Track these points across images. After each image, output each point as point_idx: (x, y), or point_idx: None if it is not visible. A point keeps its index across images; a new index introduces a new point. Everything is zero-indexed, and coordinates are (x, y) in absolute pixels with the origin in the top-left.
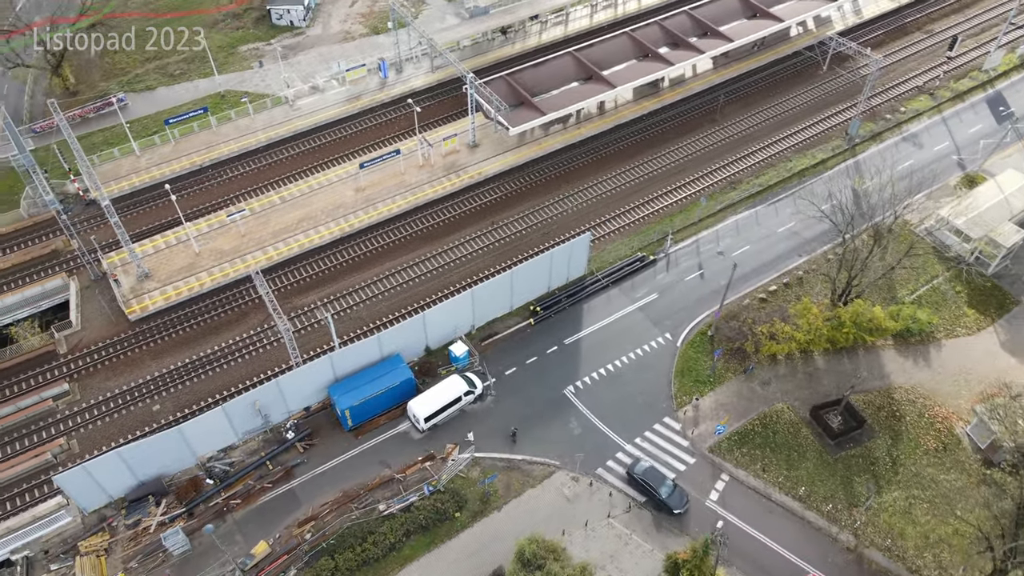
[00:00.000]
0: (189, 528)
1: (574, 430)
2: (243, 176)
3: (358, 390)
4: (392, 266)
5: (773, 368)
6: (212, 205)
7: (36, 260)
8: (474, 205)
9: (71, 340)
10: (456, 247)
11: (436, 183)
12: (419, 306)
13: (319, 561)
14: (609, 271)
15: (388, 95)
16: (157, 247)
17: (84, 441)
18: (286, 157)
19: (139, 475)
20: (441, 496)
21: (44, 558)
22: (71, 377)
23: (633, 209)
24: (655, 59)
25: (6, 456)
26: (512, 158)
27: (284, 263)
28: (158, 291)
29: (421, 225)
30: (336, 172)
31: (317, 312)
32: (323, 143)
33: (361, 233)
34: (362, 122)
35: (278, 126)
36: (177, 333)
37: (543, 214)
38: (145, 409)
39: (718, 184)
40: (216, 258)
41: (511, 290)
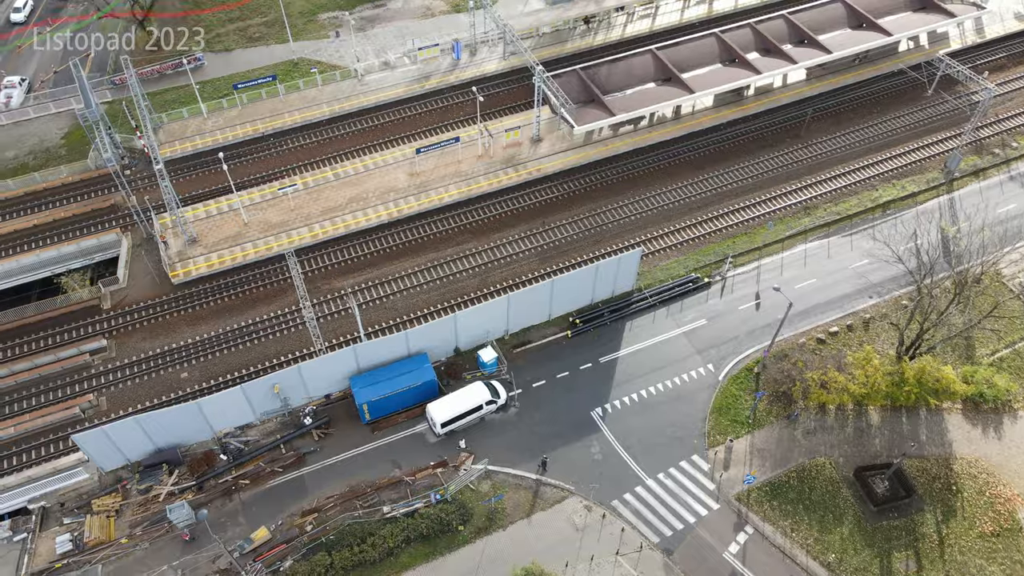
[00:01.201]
0: (196, 502)
1: (595, 455)
2: (302, 148)
3: (379, 385)
4: (435, 258)
5: (820, 417)
6: (268, 175)
7: (95, 212)
8: (528, 203)
9: (116, 297)
10: (503, 245)
11: (492, 175)
12: (456, 303)
13: (316, 555)
14: (658, 290)
15: (458, 78)
16: (209, 212)
17: (112, 399)
18: (346, 133)
19: (156, 442)
20: (447, 506)
21: (60, 511)
22: (110, 334)
23: (694, 225)
24: (742, 65)
25: (38, 405)
26: (575, 157)
27: (328, 242)
28: (203, 257)
29: (471, 218)
30: (393, 154)
31: (354, 296)
32: (384, 122)
33: (409, 220)
34: (426, 104)
35: (343, 100)
36: (215, 302)
37: (598, 220)
38: (174, 375)
39: (791, 208)
40: (263, 230)
41: (551, 299)
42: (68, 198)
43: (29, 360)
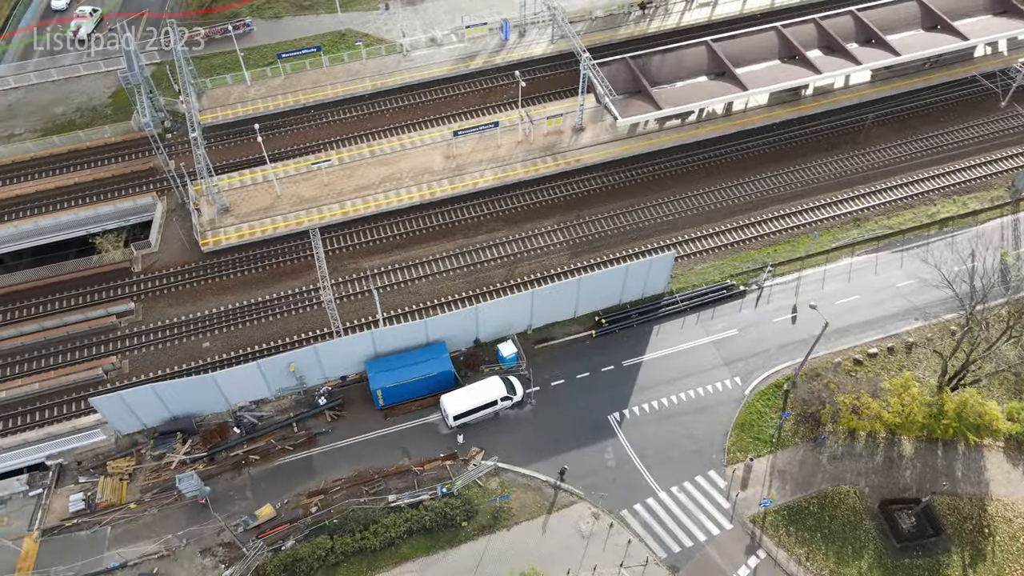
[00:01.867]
0: (206, 473)
1: (608, 461)
2: (340, 123)
3: (395, 371)
4: (464, 244)
5: (849, 443)
6: (304, 148)
7: (134, 174)
8: (564, 194)
9: (147, 260)
10: (534, 235)
11: (530, 163)
12: (481, 292)
13: (318, 538)
14: (691, 295)
15: (504, 59)
16: (243, 182)
17: (135, 362)
18: (386, 110)
19: (172, 410)
20: (452, 501)
21: (76, 469)
22: (138, 297)
23: (735, 229)
24: (802, 63)
25: (63, 363)
26: (617, 149)
27: (358, 220)
28: (233, 227)
29: (504, 205)
30: (431, 134)
31: (379, 278)
32: (425, 101)
33: (441, 203)
34: (469, 84)
35: (386, 76)
36: (242, 273)
37: (635, 216)
38: (196, 344)
39: (839, 218)
40: (294, 204)
41: (577, 296)
42: (110, 158)
43: (59, 317)
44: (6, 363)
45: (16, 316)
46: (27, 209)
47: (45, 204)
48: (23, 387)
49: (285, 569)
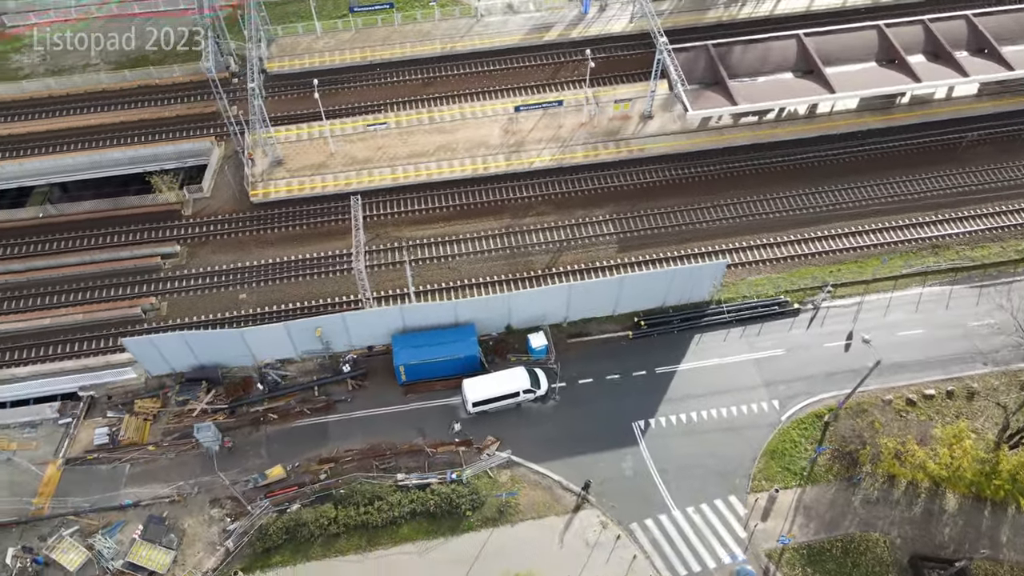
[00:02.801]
0: (225, 425)
1: (625, 470)
2: (404, 84)
3: (419, 349)
4: (511, 225)
5: (887, 488)
6: (365, 106)
7: (197, 117)
8: (622, 183)
9: (198, 205)
10: (585, 224)
11: (591, 147)
12: (521, 278)
13: (323, 506)
14: (739, 306)
15: (580, 33)
16: (299, 136)
17: (173, 305)
18: (451, 76)
19: (200, 358)
20: (460, 488)
21: (106, 403)
22: (184, 241)
23: (798, 241)
24: (902, 68)
25: (105, 298)
26: (685, 142)
27: (407, 188)
28: (284, 181)
29: (557, 188)
30: (492, 106)
31: (419, 250)
32: (491, 70)
33: (494, 179)
34: (539, 57)
35: (456, 39)
36: (287, 228)
37: (693, 216)
38: (233, 294)
39: (916, 242)
40: (346, 163)
41: (618, 295)
42: (176, 98)
43: (109, 251)
44: (53, 291)
45: (70, 246)
46: (94, 140)
47: (110, 137)
48: (66, 316)
49: (287, 532)
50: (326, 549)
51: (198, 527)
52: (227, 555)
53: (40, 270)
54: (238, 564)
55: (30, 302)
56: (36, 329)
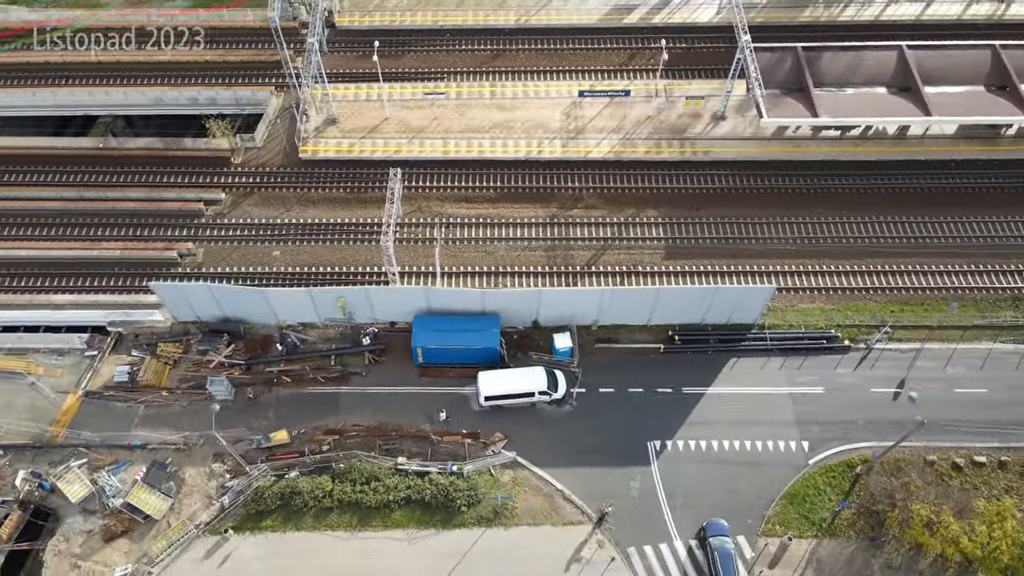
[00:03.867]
0: (239, 381)
1: (632, 490)
2: (471, 54)
3: (439, 334)
4: (557, 215)
5: (912, 556)
6: (428, 73)
7: (261, 64)
8: (681, 185)
9: (248, 154)
10: (634, 224)
11: (654, 143)
12: (558, 272)
13: (320, 477)
14: (783, 334)
15: (662, 19)
16: (357, 95)
17: (209, 253)
18: (520, 50)
19: (225, 311)
20: (459, 482)
21: (131, 342)
22: (229, 189)
23: (861, 273)
24: (1013, 96)
25: (145, 236)
26: (755, 150)
27: (456, 162)
28: (335, 140)
29: (611, 183)
30: (557, 87)
31: (459, 229)
32: (562, 48)
33: (547, 164)
34: (615, 40)
35: (532, 12)
36: (331, 189)
37: (749, 230)
38: (268, 250)
39: (995, 292)
40: (400, 130)
41: (654, 305)
42: (244, 42)
43: (157, 191)
44: (97, 223)
45: (120, 180)
46: (160, 77)
47: (176, 76)
48: (105, 250)
49: (282, 498)
50: (317, 522)
51: (198, 479)
52: (221, 511)
53: (89, 200)
54: (230, 521)
55: (74, 231)
56: (76, 259)
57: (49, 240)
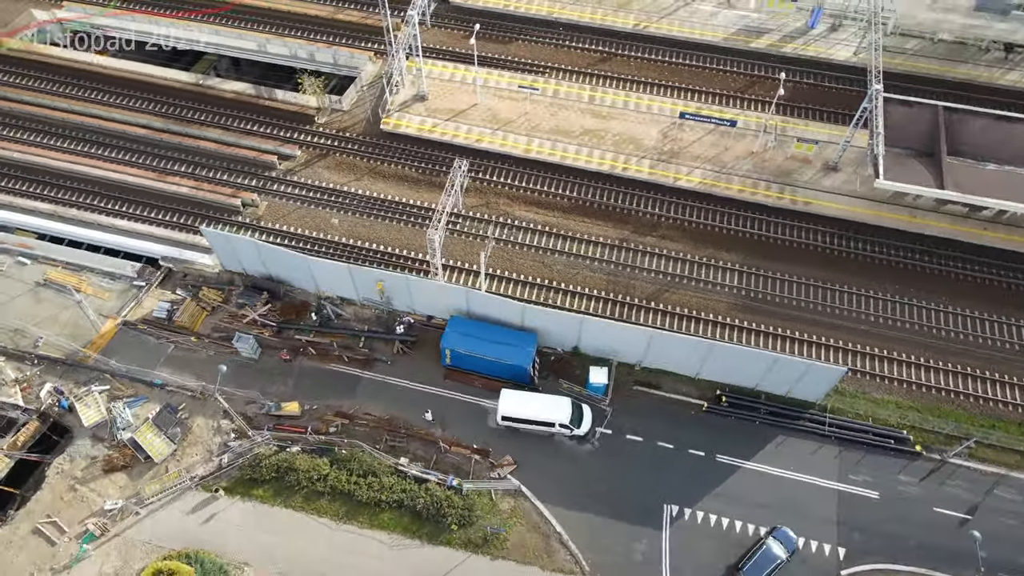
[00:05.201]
0: (266, 342)
1: (635, 552)
2: (579, 52)
3: (471, 339)
4: (628, 239)
5: None
6: (529, 64)
7: (366, 28)
8: (770, 234)
9: (332, 116)
10: (709, 266)
11: (751, 183)
12: (614, 300)
13: (320, 458)
14: (846, 423)
15: (793, 49)
16: (452, 76)
17: (271, 208)
18: (631, 57)
19: (269, 270)
20: (455, 499)
21: (179, 280)
22: (305, 147)
23: (955, 374)
24: None
25: (215, 179)
26: (864, 211)
27: (536, 163)
28: (419, 118)
29: (694, 217)
30: (659, 102)
31: (522, 233)
32: (675, 63)
33: (629, 183)
34: (733, 63)
35: (653, 19)
36: (404, 167)
37: (837, 299)
38: (328, 216)
39: None
40: (486, 119)
41: (705, 358)
42: (356, 3)
43: (238, 136)
44: (174, 158)
45: (206, 119)
46: (269, 25)
47: (284, 25)
48: (175, 185)
49: (277, 471)
50: (306, 503)
51: (204, 431)
52: (218, 469)
53: (173, 134)
54: (223, 482)
55: (151, 160)
56: (146, 188)
57: (125, 164)
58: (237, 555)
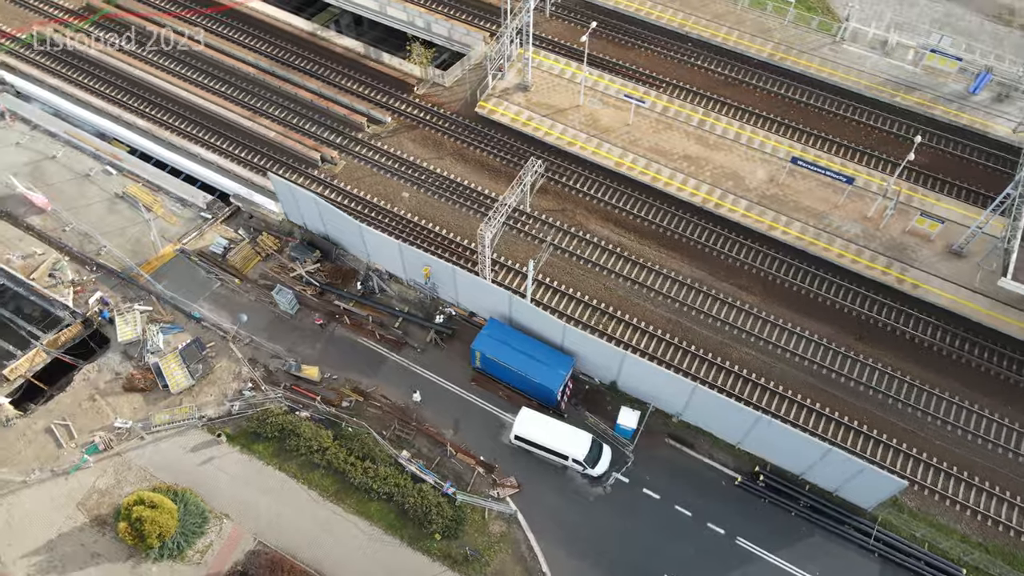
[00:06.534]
0: (305, 300)
1: None
2: (700, 72)
3: (503, 347)
4: (702, 281)
5: None
6: (641, 73)
7: (488, 7)
8: (862, 310)
9: (431, 89)
10: (785, 330)
11: (855, 250)
12: (672, 342)
13: (324, 430)
14: (897, 542)
15: (943, 113)
16: (562, 71)
17: (347, 169)
18: (757, 87)
19: (326, 229)
20: (445, 508)
21: (243, 221)
22: (397, 115)
23: None
24: None
25: (301, 129)
26: (980, 309)
27: (624, 179)
28: (515, 109)
29: (782, 273)
30: (772, 141)
31: (590, 248)
32: (802, 102)
33: (719, 222)
34: (870, 115)
35: (789, 52)
36: (488, 154)
37: (916, 398)
38: (399, 189)
39: None
40: (584, 123)
41: (749, 430)
42: None
43: (334, 92)
44: (270, 100)
45: (311, 69)
46: None
47: None
48: (265, 128)
49: (281, 432)
50: (300, 471)
51: (224, 374)
52: (227, 415)
53: (275, 77)
54: (228, 428)
55: (248, 99)
56: (237, 125)
57: (224, 98)
58: (221, 505)
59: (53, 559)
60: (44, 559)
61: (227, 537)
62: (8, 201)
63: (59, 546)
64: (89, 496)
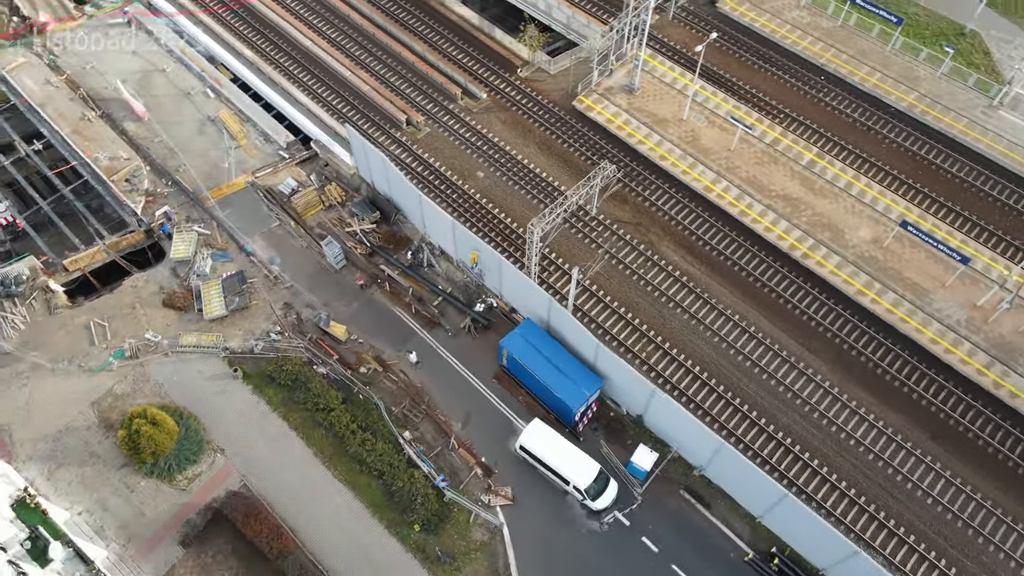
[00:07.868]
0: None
1: None
2: (825, 109)
3: (531, 350)
4: (766, 334)
5: None
6: (756, 98)
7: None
8: (948, 409)
9: (533, 74)
10: (849, 408)
11: (953, 339)
12: (714, 389)
13: (337, 392)
14: None
15: None
16: (673, 80)
17: (429, 136)
18: (882, 136)
19: (390, 190)
20: (431, 500)
21: (317, 167)
22: (493, 93)
23: None
24: None
25: (395, 90)
26: None
27: (711, 206)
28: (614, 110)
29: (862, 346)
30: (887, 200)
31: (653, 270)
32: (933, 163)
33: (801, 272)
34: (1009, 193)
35: (936, 106)
36: (574, 150)
37: (997, 533)
38: (476, 168)
39: None
40: (683, 138)
41: (772, 507)
42: None
43: (437, 58)
44: (374, 56)
45: (422, 31)
46: None
47: None
48: (361, 81)
49: (294, 382)
50: (302, 425)
51: (258, 312)
52: (249, 352)
53: (385, 33)
54: (245, 365)
55: (354, 50)
56: (337, 73)
57: (331, 44)
58: (220, 438)
59: (55, 449)
60: (47, 447)
61: (216, 471)
62: (112, 104)
63: (64, 438)
64: (104, 398)
